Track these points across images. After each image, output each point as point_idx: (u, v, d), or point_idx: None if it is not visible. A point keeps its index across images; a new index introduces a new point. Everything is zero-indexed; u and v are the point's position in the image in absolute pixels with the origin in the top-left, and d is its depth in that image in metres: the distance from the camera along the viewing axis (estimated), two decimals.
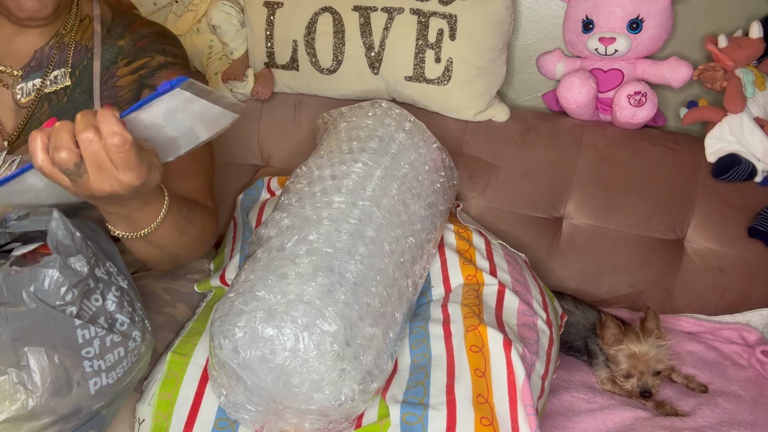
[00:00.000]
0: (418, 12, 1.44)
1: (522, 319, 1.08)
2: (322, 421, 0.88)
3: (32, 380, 0.77)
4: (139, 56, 1.03)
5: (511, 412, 0.92)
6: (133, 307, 0.88)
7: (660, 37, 1.43)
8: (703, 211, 1.42)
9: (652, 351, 1.19)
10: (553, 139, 1.49)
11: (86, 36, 1.00)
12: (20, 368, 0.76)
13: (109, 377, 0.83)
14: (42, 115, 0.97)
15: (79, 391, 0.80)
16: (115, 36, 1.03)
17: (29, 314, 0.76)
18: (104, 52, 1.01)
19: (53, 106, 0.98)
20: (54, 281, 0.77)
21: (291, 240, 0.91)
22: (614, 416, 1.15)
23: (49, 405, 0.78)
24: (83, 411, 0.81)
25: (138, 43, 1.04)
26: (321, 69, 1.51)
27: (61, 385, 0.78)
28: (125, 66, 1.03)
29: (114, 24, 1.04)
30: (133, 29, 1.05)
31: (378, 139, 1.07)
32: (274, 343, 0.82)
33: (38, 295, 0.76)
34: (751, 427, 1.12)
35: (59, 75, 0.98)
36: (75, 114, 0.93)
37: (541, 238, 1.47)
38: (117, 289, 0.86)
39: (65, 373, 0.78)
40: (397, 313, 0.95)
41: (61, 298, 0.78)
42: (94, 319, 0.82)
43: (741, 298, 1.41)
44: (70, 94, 0.99)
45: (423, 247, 1.05)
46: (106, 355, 0.82)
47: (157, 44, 1.05)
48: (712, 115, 1.41)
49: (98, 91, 1.01)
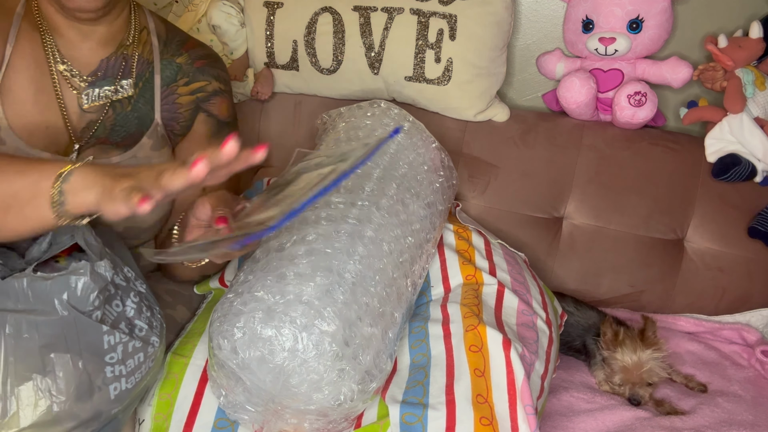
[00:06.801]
0: (418, 12, 1.44)
1: (521, 318, 1.08)
2: (321, 421, 0.88)
3: (57, 386, 0.78)
4: (197, 78, 1.09)
5: (510, 412, 0.92)
6: (151, 312, 0.89)
7: (660, 37, 1.43)
8: (703, 211, 1.42)
9: (646, 365, 1.18)
10: (553, 139, 1.49)
11: (146, 49, 1.05)
12: (45, 374, 0.77)
13: (129, 382, 0.84)
14: (106, 120, 1.01)
15: (100, 396, 0.81)
16: (172, 52, 1.08)
17: (60, 322, 0.77)
18: (164, 68, 1.06)
19: (117, 113, 1.02)
20: (84, 287, 0.78)
21: (290, 240, 0.91)
22: (614, 416, 1.15)
23: (72, 410, 0.79)
24: (102, 415, 0.82)
25: (196, 63, 1.09)
26: (321, 69, 1.51)
27: (84, 391, 0.79)
28: (185, 85, 1.08)
29: (169, 39, 1.08)
30: (188, 47, 1.10)
31: (377, 139, 1.07)
32: (273, 343, 0.82)
33: (71, 302, 0.77)
34: (751, 427, 1.12)
35: (126, 85, 1.02)
36: (137, 122, 1.02)
37: (541, 238, 1.47)
38: (135, 295, 0.87)
39: (88, 378, 0.79)
40: (396, 312, 0.95)
41: (91, 304, 0.79)
42: (116, 325, 0.83)
43: (741, 298, 1.41)
44: (134, 104, 1.03)
45: (422, 247, 1.05)
46: (127, 361, 0.83)
47: (213, 68, 1.11)
48: (712, 115, 1.41)
49: (159, 104, 1.05)
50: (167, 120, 1.06)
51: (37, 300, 0.77)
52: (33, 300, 0.77)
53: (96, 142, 1.01)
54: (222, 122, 1.11)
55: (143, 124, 1.04)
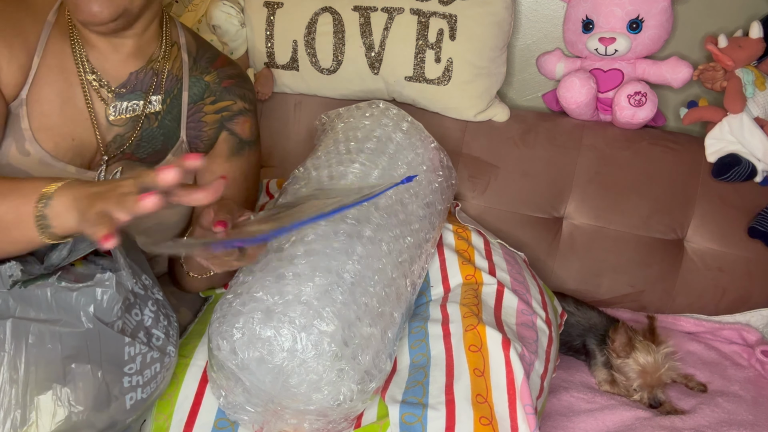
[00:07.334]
0: (418, 12, 1.44)
1: (521, 318, 1.08)
2: (321, 421, 0.88)
3: (76, 396, 0.78)
4: (224, 97, 1.08)
5: (510, 412, 0.92)
6: (168, 320, 0.89)
7: (660, 37, 1.43)
8: (703, 211, 1.42)
9: (664, 364, 1.17)
10: (553, 139, 1.49)
11: (176, 65, 1.03)
12: (65, 384, 0.77)
13: (144, 392, 0.84)
14: (133, 135, 1.00)
15: (117, 406, 0.81)
16: (201, 69, 1.06)
17: (85, 334, 0.77)
18: (192, 85, 1.05)
19: (143, 128, 1.00)
20: (110, 299, 0.78)
21: (288, 241, 0.91)
22: (614, 416, 1.15)
23: (89, 420, 0.79)
24: (117, 425, 0.83)
25: (224, 82, 1.08)
26: (321, 69, 1.51)
27: (101, 401, 0.79)
28: (211, 104, 1.07)
29: (199, 55, 1.07)
30: (217, 65, 1.08)
31: (375, 139, 1.07)
32: (272, 343, 0.82)
33: (97, 314, 0.77)
34: (751, 427, 1.12)
35: (155, 100, 1.01)
36: (163, 138, 1.01)
37: (541, 238, 1.47)
38: (153, 303, 0.87)
39: (106, 389, 0.79)
40: (396, 312, 0.95)
41: (115, 315, 0.79)
42: (135, 334, 0.83)
43: (741, 298, 1.41)
44: (161, 120, 1.02)
45: (421, 247, 1.05)
46: (144, 371, 0.84)
47: (240, 88, 1.10)
48: (712, 115, 1.41)
49: (185, 122, 1.04)
50: (192, 138, 1.05)
51: (61, 311, 0.76)
52: (57, 310, 0.76)
53: (122, 157, 1.00)
54: (243, 141, 1.10)
55: (169, 141, 1.03)
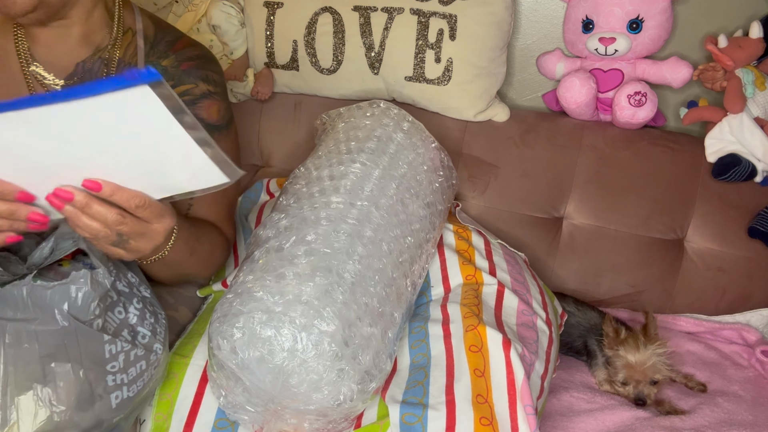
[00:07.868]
0: (418, 12, 1.44)
1: (521, 318, 1.08)
2: (321, 421, 0.88)
3: (57, 396, 0.77)
4: (183, 81, 1.01)
5: (510, 412, 0.92)
6: (155, 318, 0.89)
7: (660, 37, 1.43)
8: (703, 211, 1.42)
9: (650, 361, 1.17)
10: (553, 139, 1.49)
11: (129, 52, 0.98)
12: (46, 383, 0.77)
13: (130, 390, 0.84)
14: None
15: (101, 405, 0.80)
16: (159, 54, 1.01)
17: (61, 332, 0.77)
18: None
19: None
20: (85, 297, 0.77)
21: (289, 241, 0.91)
22: (614, 416, 1.15)
23: (73, 419, 0.78)
24: (104, 424, 0.82)
25: (182, 65, 1.02)
26: (321, 69, 1.51)
27: (84, 400, 0.79)
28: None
29: (157, 40, 1.01)
30: (176, 48, 1.02)
31: (376, 139, 1.07)
32: (273, 343, 0.82)
33: (71, 312, 0.77)
34: (751, 427, 1.12)
35: None
36: None
37: (541, 238, 1.47)
38: (139, 300, 0.87)
39: (89, 388, 0.79)
40: (396, 312, 0.95)
41: (91, 313, 0.78)
42: (118, 333, 0.82)
43: (741, 298, 1.41)
44: None
45: (422, 247, 1.05)
46: (129, 369, 0.83)
47: (200, 70, 1.03)
48: (712, 115, 1.41)
49: None
50: None
51: (36, 309, 0.76)
52: (33, 309, 0.76)
53: None
54: (212, 126, 1.04)
55: None
